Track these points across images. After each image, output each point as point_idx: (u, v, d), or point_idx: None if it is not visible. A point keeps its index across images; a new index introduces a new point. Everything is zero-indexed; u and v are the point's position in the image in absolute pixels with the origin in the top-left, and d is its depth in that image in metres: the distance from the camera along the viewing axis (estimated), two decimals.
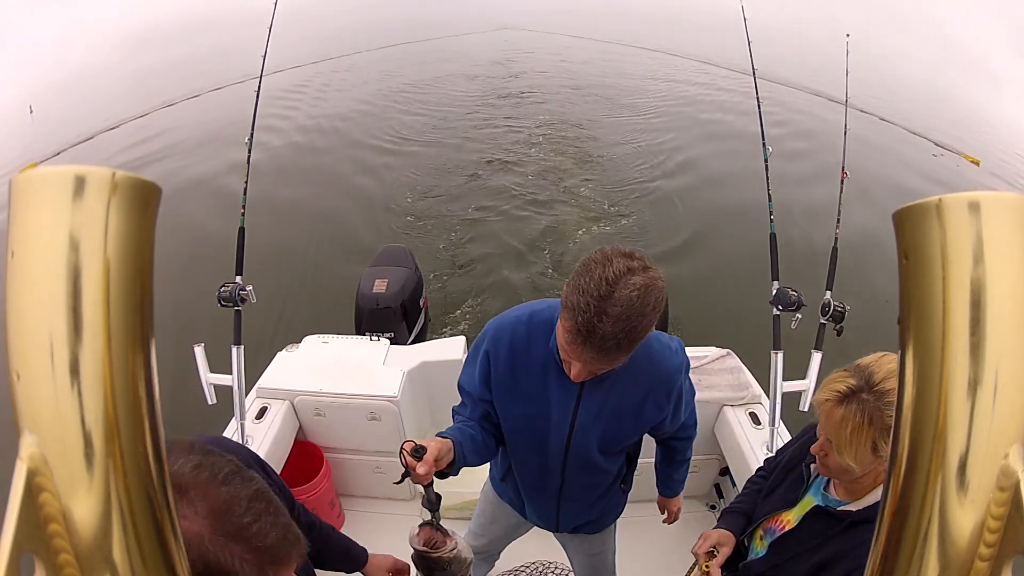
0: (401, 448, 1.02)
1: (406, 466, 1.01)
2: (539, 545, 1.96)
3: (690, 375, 1.26)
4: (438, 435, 1.13)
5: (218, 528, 0.51)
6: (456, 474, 1.15)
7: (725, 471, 2.28)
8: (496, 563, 2.11)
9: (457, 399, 1.32)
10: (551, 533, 1.65)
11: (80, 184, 0.23)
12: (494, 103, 11.74)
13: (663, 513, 1.65)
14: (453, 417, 1.28)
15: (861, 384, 0.91)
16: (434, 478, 1.05)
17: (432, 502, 1.06)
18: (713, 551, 1.22)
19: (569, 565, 1.79)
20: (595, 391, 1.13)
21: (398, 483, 1.10)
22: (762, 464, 1.40)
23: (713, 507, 2.43)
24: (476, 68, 15.33)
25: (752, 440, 1.99)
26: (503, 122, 10.14)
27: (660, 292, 0.92)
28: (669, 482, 1.55)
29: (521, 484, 1.39)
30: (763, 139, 2.14)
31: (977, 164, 9.83)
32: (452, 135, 9.33)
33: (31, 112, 11.50)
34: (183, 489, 0.52)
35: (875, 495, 0.98)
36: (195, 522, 0.51)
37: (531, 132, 9.49)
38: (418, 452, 1.02)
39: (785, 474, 1.20)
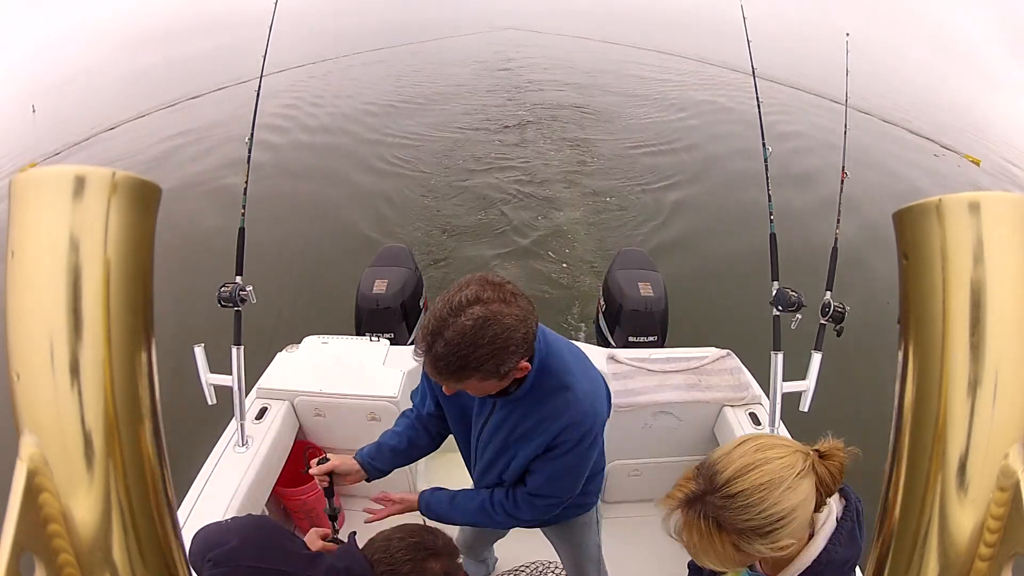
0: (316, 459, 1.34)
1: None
2: (539, 545, 1.96)
3: (596, 437, 1.21)
4: (357, 453, 1.39)
5: (452, 557, 1.08)
6: (380, 478, 1.41)
7: None
8: (496, 564, 2.11)
9: None
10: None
11: (80, 184, 0.23)
12: (498, 103, 11.80)
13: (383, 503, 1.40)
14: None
15: (704, 486, 0.82)
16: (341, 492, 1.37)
17: (330, 510, 1.35)
18: None
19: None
20: (503, 409, 1.18)
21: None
22: None
23: None
24: (478, 68, 15.38)
25: None
26: (504, 122, 10.15)
27: (503, 328, 0.95)
28: (445, 503, 1.33)
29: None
30: (763, 139, 2.14)
31: (978, 164, 9.82)
32: (454, 135, 9.32)
33: (33, 111, 11.48)
34: (441, 551, 1.07)
35: (797, 566, 0.89)
36: (446, 560, 1.06)
37: (533, 134, 9.54)
38: (323, 461, 1.33)
39: None
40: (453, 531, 1.87)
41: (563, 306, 5.04)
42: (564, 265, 5.73)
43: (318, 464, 1.33)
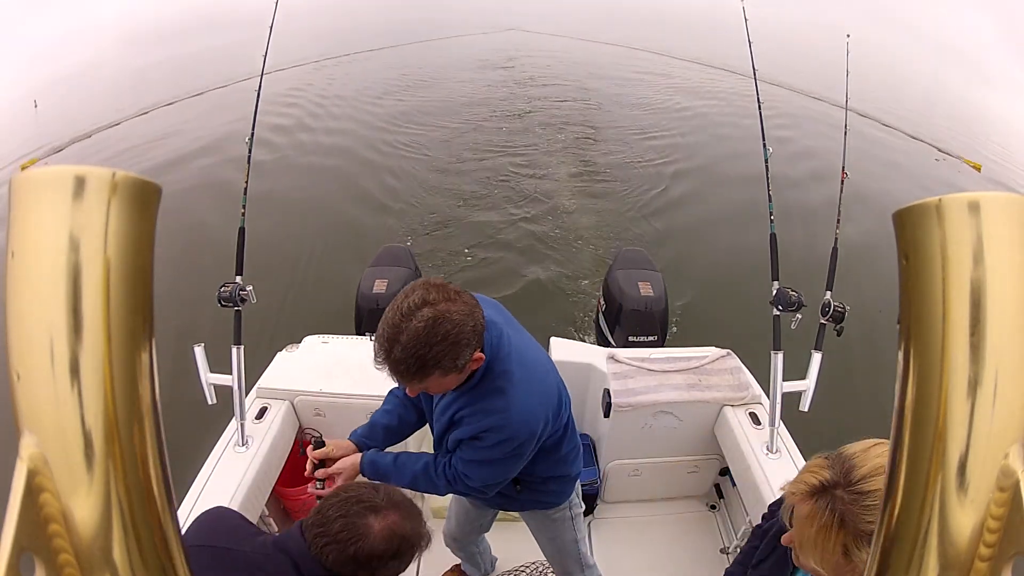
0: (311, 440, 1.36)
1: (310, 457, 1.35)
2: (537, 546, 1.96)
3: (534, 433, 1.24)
4: (351, 434, 1.42)
5: (406, 517, 0.97)
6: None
7: (725, 471, 2.28)
8: (496, 563, 2.11)
9: None
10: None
11: (80, 184, 0.23)
12: (501, 95, 11.88)
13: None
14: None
15: (837, 478, 0.78)
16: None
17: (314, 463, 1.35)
18: None
19: None
20: (452, 392, 1.26)
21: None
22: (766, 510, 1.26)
23: (713, 507, 2.43)
24: (482, 65, 15.41)
25: (752, 440, 1.99)
26: (507, 121, 10.16)
27: (453, 325, 1.04)
28: (390, 463, 1.35)
29: None
30: (763, 140, 2.14)
31: (978, 169, 9.82)
32: (456, 133, 9.34)
33: (36, 107, 11.49)
34: (382, 506, 0.96)
35: None
36: (395, 517, 0.96)
37: (534, 122, 9.61)
38: (319, 443, 1.35)
39: (775, 545, 1.06)
40: (439, 524, 1.88)
41: (561, 282, 5.19)
42: (558, 231, 5.98)
43: (315, 448, 1.36)
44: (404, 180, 7.28)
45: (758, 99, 2.28)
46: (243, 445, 1.90)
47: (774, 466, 1.89)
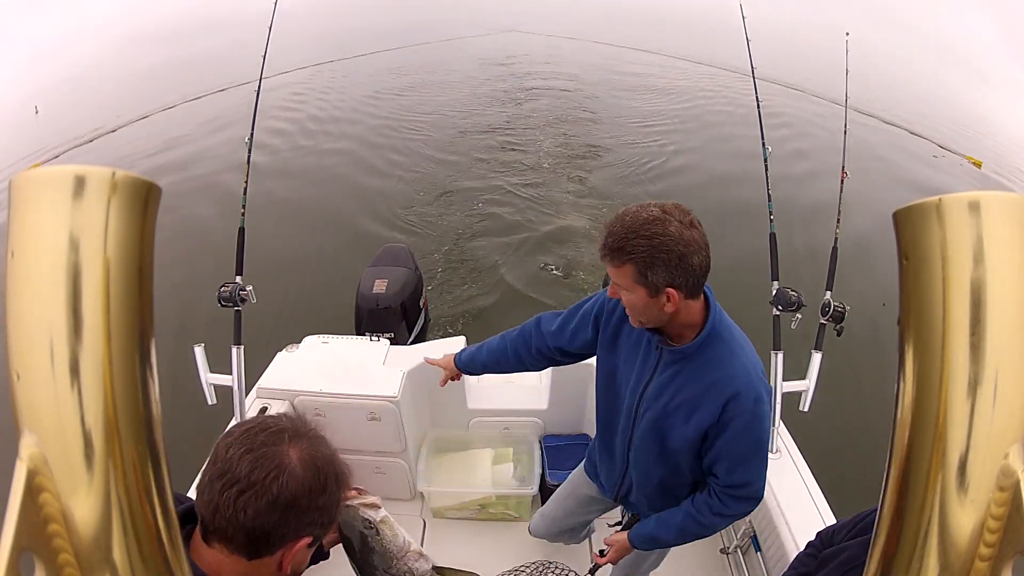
0: None
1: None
2: (539, 545, 1.96)
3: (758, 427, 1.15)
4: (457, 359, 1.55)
5: (318, 441, 0.80)
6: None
7: None
8: (496, 564, 2.11)
9: (455, 399, 1.38)
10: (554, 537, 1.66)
11: (80, 184, 0.23)
12: (501, 87, 11.99)
13: (607, 547, 1.46)
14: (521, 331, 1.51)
15: None
16: None
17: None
18: None
19: (568, 565, 1.78)
20: (667, 369, 1.20)
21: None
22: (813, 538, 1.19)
23: None
24: (483, 63, 15.48)
25: None
26: (506, 121, 10.17)
27: (667, 234, 1.02)
28: (652, 523, 1.35)
29: (598, 440, 1.49)
30: (762, 139, 2.14)
31: (979, 166, 9.81)
32: (456, 131, 9.34)
33: (36, 112, 11.49)
34: (288, 428, 0.78)
35: None
36: (307, 442, 0.77)
37: (537, 142, 9.63)
38: None
39: (844, 571, 1.00)
40: (441, 524, 1.87)
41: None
42: (556, 229, 6.06)
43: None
44: (406, 174, 7.34)
45: (757, 98, 2.28)
46: None
47: (774, 466, 1.88)
